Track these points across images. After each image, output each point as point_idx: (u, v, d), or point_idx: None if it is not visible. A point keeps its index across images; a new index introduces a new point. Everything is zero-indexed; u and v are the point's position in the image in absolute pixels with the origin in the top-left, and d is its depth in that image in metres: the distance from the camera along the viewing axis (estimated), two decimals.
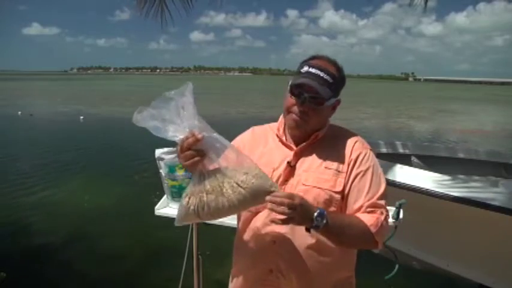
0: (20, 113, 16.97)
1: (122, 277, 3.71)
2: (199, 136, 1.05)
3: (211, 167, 1.10)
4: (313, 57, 1.28)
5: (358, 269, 1.39)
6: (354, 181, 1.24)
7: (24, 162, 8.40)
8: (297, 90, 1.23)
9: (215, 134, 1.08)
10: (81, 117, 15.98)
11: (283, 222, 1.06)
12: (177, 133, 1.06)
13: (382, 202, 1.25)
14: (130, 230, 4.87)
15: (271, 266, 1.27)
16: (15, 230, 4.89)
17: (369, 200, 1.23)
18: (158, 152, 2.31)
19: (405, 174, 3.47)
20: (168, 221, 2.30)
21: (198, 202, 1.09)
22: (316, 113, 1.24)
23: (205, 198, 1.08)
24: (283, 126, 1.35)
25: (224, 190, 1.07)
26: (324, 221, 1.09)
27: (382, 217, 1.23)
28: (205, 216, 1.11)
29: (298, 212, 1.05)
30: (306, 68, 1.24)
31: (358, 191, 1.24)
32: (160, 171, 2.30)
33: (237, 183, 1.07)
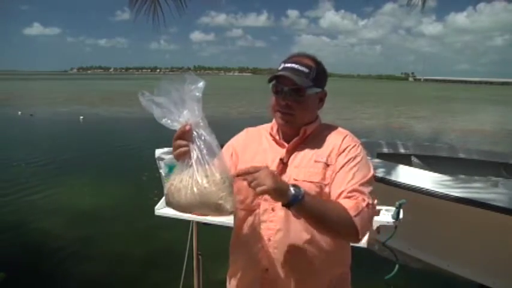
0: (20, 113, 16.98)
1: (121, 277, 3.71)
2: (186, 128, 1.08)
3: (191, 161, 1.12)
4: (291, 56, 1.32)
5: (358, 269, 1.39)
6: (340, 170, 1.23)
7: (24, 163, 8.39)
8: (277, 87, 1.27)
9: (203, 131, 1.10)
10: (81, 117, 15.99)
11: (258, 192, 1.05)
12: (175, 124, 1.11)
13: (365, 189, 1.21)
14: (130, 230, 4.87)
15: (267, 265, 1.27)
16: (15, 230, 4.89)
17: (350, 185, 1.20)
18: (158, 152, 2.31)
19: (405, 174, 3.47)
20: (168, 221, 2.31)
21: (169, 189, 1.12)
22: (300, 104, 1.26)
23: (173, 187, 1.11)
24: (276, 126, 1.36)
25: (186, 185, 1.09)
26: (302, 192, 1.08)
27: (364, 203, 1.17)
28: (173, 205, 1.14)
29: (267, 177, 1.05)
30: (282, 66, 1.29)
31: (343, 179, 1.22)
32: (160, 171, 2.29)
33: (194, 182, 1.08)
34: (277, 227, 1.25)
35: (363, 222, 1.16)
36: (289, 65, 1.27)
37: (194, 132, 1.10)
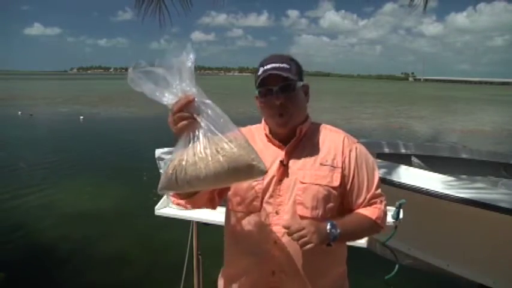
0: (20, 113, 16.97)
1: (121, 277, 3.70)
2: (191, 98, 1.01)
3: (199, 133, 1.03)
4: (262, 61, 1.31)
5: (358, 269, 1.39)
6: (354, 179, 1.29)
7: (24, 162, 8.38)
8: (265, 90, 1.26)
9: (208, 100, 1.04)
10: (81, 117, 15.99)
11: (305, 249, 1.14)
12: (171, 97, 1.03)
13: (379, 191, 1.33)
14: (130, 230, 4.87)
15: (274, 268, 1.26)
16: (15, 230, 4.88)
17: (368, 193, 1.30)
18: (158, 152, 2.31)
19: (405, 174, 3.47)
20: (168, 221, 2.31)
21: (177, 166, 1.02)
22: (293, 100, 1.26)
23: (184, 163, 1.01)
24: (268, 127, 1.35)
25: (204, 156, 1.00)
26: (338, 230, 1.18)
27: (383, 205, 1.32)
28: (182, 183, 1.03)
29: (311, 231, 1.13)
30: (261, 69, 1.26)
31: (359, 188, 1.30)
32: (160, 171, 2.30)
33: (217, 150, 1.00)
34: (283, 230, 1.23)
35: (384, 219, 1.34)
36: (269, 65, 1.25)
37: (199, 102, 1.02)
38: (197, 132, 1.03)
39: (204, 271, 2.55)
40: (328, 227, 1.17)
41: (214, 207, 1.35)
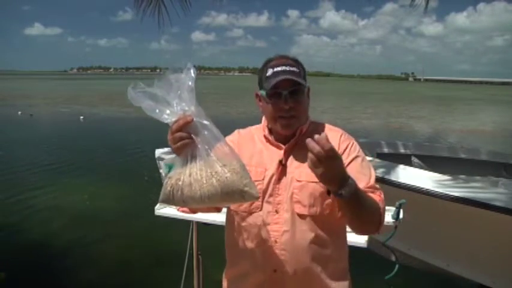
0: (20, 113, 16.99)
1: (121, 277, 3.71)
2: (189, 118, 1.03)
3: (196, 153, 1.06)
4: (269, 61, 1.30)
5: (358, 269, 1.39)
6: (348, 169, 1.23)
7: (24, 163, 8.39)
8: (274, 93, 1.25)
9: (206, 121, 1.06)
10: (81, 117, 16.00)
11: (312, 165, 1.03)
12: (171, 116, 1.04)
13: (377, 185, 1.30)
14: (130, 230, 4.88)
15: (275, 266, 1.27)
16: (15, 230, 4.89)
17: (367, 183, 1.26)
18: (158, 152, 2.31)
19: (405, 174, 3.47)
20: (168, 221, 2.31)
21: (174, 184, 1.06)
22: (301, 103, 1.27)
23: (180, 183, 1.05)
24: (267, 128, 1.36)
25: (199, 178, 1.04)
26: (354, 188, 1.09)
27: (382, 197, 1.27)
28: (178, 200, 1.08)
29: (336, 157, 1.03)
30: (270, 71, 1.26)
31: (356, 177, 1.21)
32: (160, 171, 2.30)
33: (211, 173, 1.03)
34: (283, 229, 1.25)
35: (384, 215, 1.25)
36: (280, 68, 1.25)
37: (197, 123, 1.04)
38: (195, 153, 1.06)
39: (204, 271, 2.55)
40: (350, 181, 1.09)
41: (219, 211, 1.37)
